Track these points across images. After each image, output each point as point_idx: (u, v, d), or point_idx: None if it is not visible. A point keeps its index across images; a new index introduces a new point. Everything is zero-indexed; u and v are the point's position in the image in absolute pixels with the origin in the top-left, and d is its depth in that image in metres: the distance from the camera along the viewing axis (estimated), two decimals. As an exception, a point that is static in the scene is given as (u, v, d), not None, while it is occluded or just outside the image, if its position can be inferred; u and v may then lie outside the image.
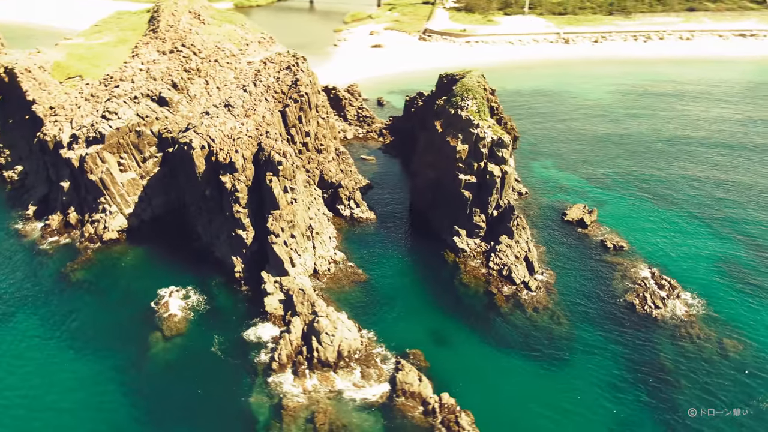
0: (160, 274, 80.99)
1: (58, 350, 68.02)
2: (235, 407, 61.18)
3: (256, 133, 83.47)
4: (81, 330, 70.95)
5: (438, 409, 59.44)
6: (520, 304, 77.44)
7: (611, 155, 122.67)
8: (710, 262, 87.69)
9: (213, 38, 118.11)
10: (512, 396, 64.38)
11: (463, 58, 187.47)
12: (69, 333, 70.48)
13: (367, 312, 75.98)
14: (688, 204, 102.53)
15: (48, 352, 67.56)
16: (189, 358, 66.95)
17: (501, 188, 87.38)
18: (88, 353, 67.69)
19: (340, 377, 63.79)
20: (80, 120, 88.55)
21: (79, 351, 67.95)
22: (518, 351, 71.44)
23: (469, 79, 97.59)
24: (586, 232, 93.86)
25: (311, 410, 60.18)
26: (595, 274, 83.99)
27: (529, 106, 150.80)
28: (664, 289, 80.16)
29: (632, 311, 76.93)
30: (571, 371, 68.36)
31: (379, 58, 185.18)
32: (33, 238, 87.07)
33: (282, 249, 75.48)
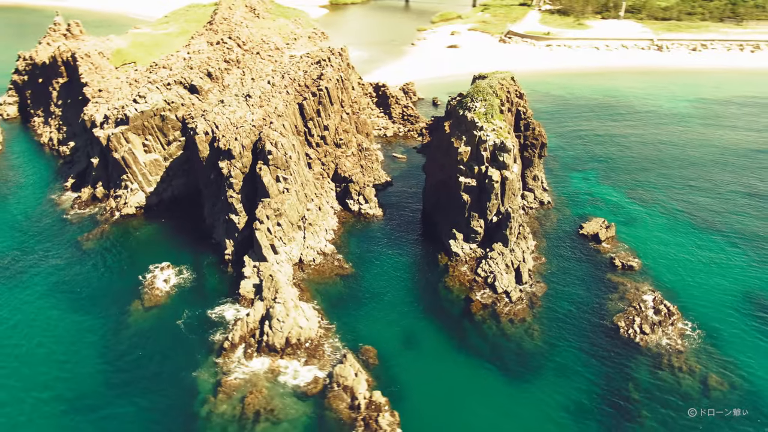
0: (162, 249, 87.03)
1: (50, 307, 75.41)
2: (181, 379, 64.98)
3: (262, 123, 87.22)
4: (75, 293, 78.03)
5: (363, 406, 59.74)
6: (495, 314, 75.60)
7: (665, 169, 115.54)
8: (732, 295, 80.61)
9: (263, 32, 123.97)
10: (458, 404, 63.39)
11: (538, 61, 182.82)
12: (64, 295, 77.78)
13: (339, 305, 77.36)
14: (733, 229, 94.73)
15: (40, 308, 75.14)
16: (156, 328, 71.82)
17: (502, 194, 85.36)
18: (74, 313, 74.51)
19: (284, 363, 65.68)
20: (115, 102, 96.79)
21: (67, 311, 74.90)
22: (480, 360, 70.07)
23: (491, 80, 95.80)
24: (598, 248, 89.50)
25: (246, 391, 62.58)
26: (591, 292, 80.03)
27: (592, 114, 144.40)
28: (659, 314, 74.83)
29: (615, 334, 72.82)
30: (528, 388, 66.11)
31: (451, 59, 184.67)
32: (64, 207, 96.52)
33: (264, 236, 78.64)
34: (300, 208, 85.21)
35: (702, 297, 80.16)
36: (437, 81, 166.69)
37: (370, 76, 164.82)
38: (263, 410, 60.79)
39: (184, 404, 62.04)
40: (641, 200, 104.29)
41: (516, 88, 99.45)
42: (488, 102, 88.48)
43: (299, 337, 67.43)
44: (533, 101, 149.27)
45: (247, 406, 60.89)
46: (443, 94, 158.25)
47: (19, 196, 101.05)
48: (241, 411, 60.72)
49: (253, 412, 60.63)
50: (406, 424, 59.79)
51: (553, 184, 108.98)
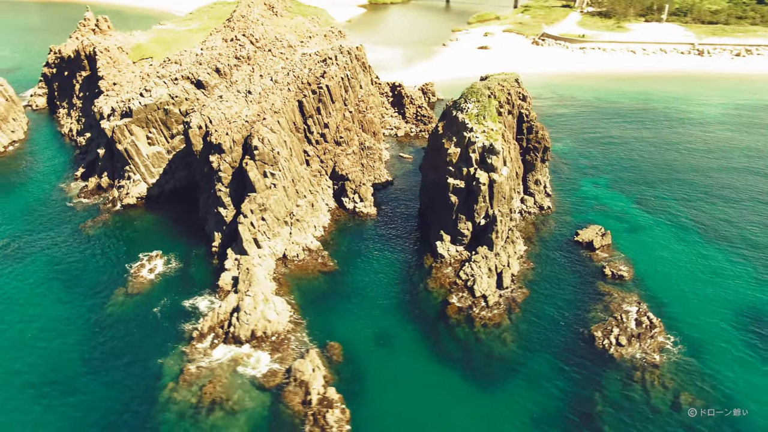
0: (155, 239, 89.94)
1: (40, 290, 79.29)
2: (148, 365, 67.20)
3: (256, 119, 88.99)
4: (67, 278, 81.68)
5: (315, 401, 60.44)
6: (470, 318, 75.04)
7: (684, 176, 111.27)
8: (728, 310, 77.50)
9: (279, 29, 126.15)
10: (419, 406, 63.39)
11: (569, 64, 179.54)
12: (56, 279, 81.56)
13: (316, 301, 78.27)
14: (744, 240, 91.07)
15: (31, 290, 79.08)
16: (134, 315, 74.42)
17: (490, 197, 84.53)
18: (61, 297, 78.04)
19: (247, 355, 67.00)
20: (124, 95, 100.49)
21: (56, 294, 78.53)
22: (449, 363, 69.80)
23: (490, 81, 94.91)
24: (591, 256, 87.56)
25: (206, 380, 64.16)
26: (574, 300, 78.44)
27: (617, 119, 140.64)
28: (640, 326, 72.72)
29: (590, 344, 71.16)
30: (493, 393, 65.63)
31: (480, 60, 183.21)
32: (71, 195, 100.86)
33: (246, 229, 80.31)
34: (288, 203, 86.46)
35: (694, 310, 77.43)
36: (461, 82, 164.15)
37: (396, 75, 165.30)
38: (219, 399, 62.20)
39: (147, 390, 64.12)
40: (651, 208, 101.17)
41: (519, 91, 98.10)
42: (481, 103, 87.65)
43: (265, 330, 68.57)
44: (557, 104, 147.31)
45: (205, 395, 62.41)
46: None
47: (33, 182, 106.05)
48: (199, 399, 62.29)
49: (209, 401, 62.10)
50: (361, 422, 60.07)
51: (560, 189, 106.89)
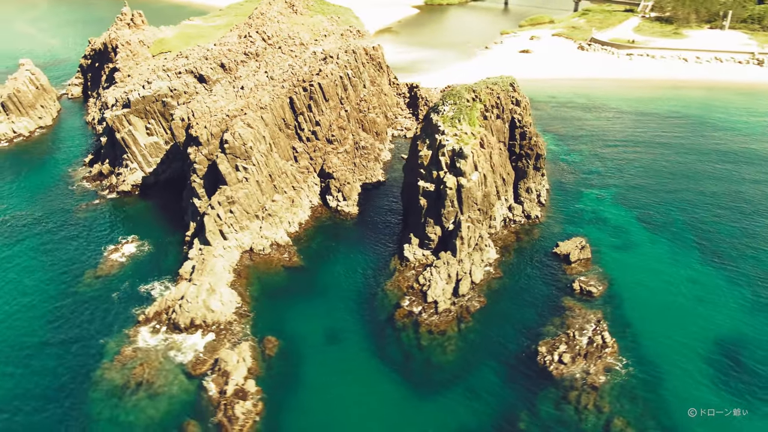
0: (138, 225, 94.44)
1: (19, 265, 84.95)
2: (92, 345, 70.83)
3: (237, 113, 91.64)
4: (46, 256, 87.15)
5: (230, 392, 61.92)
6: (417, 323, 74.41)
7: (701, 193, 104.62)
8: (702, 340, 72.36)
9: (296, 28, 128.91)
10: (342, 407, 63.70)
11: (609, 70, 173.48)
12: (37, 256, 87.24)
13: (271, 294, 79.86)
14: (744, 263, 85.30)
15: (10, 264, 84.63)
16: (94, 296, 78.60)
17: (459, 202, 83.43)
18: (35, 274, 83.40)
19: (183, 342, 69.35)
20: (129, 86, 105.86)
21: (31, 271, 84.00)
22: (385, 367, 69.62)
23: (478, 84, 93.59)
24: (566, 269, 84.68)
25: (138, 362, 66.95)
26: (532, 313, 76.29)
27: (643, 129, 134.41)
28: (591, 345, 69.91)
29: (532, 360, 68.98)
30: (420, 401, 64.99)
31: (517, 64, 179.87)
32: (74, 180, 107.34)
33: (212, 221, 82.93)
34: (261, 198, 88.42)
35: (661, 335, 73.39)
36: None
37: (429, 76, 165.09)
38: (145, 382, 64.72)
39: (84, 368, 67.57)
40: (653, 224, 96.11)
41: (513, 95, 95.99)
42: (458, 106, 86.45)
43: (205, 319, 70.64)
44: (585, 111, 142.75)
45: (133, 377, 65.15)
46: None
47: (46, 166, 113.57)
48: (127, 380, 65.06)
49: (136, 383, 64.75)
50: (274, 417, 60.88)
51: (559, 198, 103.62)
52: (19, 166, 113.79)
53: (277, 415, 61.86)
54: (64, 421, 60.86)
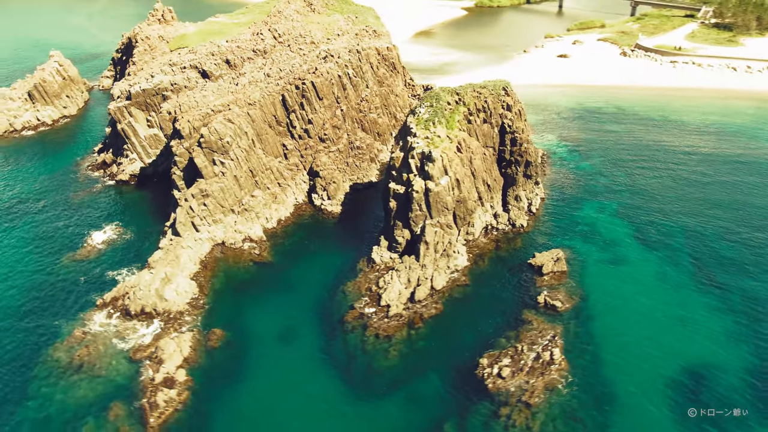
0: (127, 213, 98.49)
1: (8, 243, 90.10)
2: (49, 326, 74.41)
3: (222, 108, 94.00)
4: (36, 237, 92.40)
5: (158, 379, 63.78)
6: (365, 326, 74.29)
7: (712, 212, 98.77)
8: (669, 370, 68.51)
9: (310, 26, 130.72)
10: (273, 403, 64.54)
11: (648, 78, 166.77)
12: (27, 237, 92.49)
13: (234, 288, 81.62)
14: (741, 290, 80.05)
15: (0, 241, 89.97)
16: (65, 279, 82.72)
17: (428, 206, 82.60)
18: (19, 254, 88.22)
19: (131, 328, 71.88)
20: (134, 79, 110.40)
21: (16, 250, 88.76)
22: (326, 367, 70.15)
23: (464, 87, 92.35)
24: (537, 281, 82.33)
25: (84, 344, 69.96)
26: (485, 323, 74.77)
27: (668, 141, 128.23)
28: (537, 361, 67.86)
29: (471, 372, 67.62)
30: (356, 405, 65.15)
31: (552, 69, 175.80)
32: (80, 168, 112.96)
33: (184, 212, 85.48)
34: (239, 192, 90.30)
35: (623, 357, 70.26)
36: (518, 90, 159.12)
37: (452, 78, 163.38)
38: (86, 364, 67.48)
39: (34, 346, 71.19)
40: (650, 241, 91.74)
41: (504, 99, 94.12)
42: (435, 108, 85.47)
43: (156, 307, 72.89)
44: (611, 119, 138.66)
45: (76, 358, 68.00)
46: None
47: (59, 154, 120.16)
48: (70, 361, 67.91)
49: (78, 364, 67.67)
50: (200, 406, 62.50)
51: (555, 208, 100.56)
52: (35, 153, 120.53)
53: (203, 406, 63.12)
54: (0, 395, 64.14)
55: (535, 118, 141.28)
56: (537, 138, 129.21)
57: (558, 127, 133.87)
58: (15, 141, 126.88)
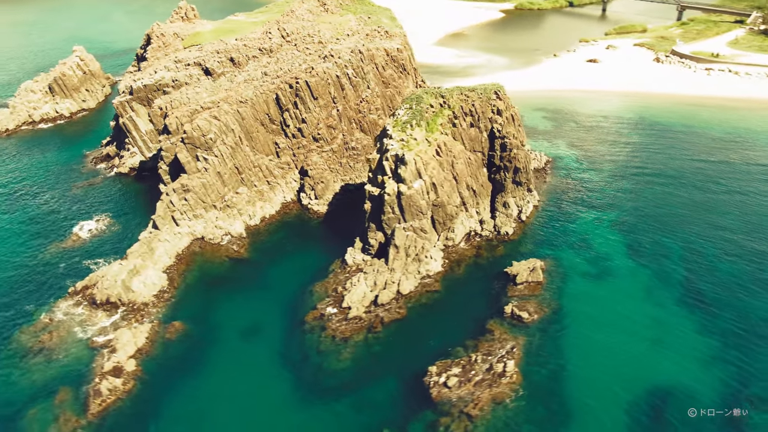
0: (120, 204, 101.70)
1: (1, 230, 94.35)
2: (23, 312, 77.60)
3: (212, 105, 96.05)
4: (30, 224, 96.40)
5: (107, 368, 65.83)
6: (323, 327, 74.59)
7: (720, 230, 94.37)
8: (632, 393, 65.86)
9: (320, 26, 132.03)
10: (221, 400, 65.41)
11: (676, 85, 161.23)
12: (22, 223, 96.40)
13: (207, 282, 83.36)
14: (733, 312, 76.31)
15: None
16: (47, 267, 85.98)
17: (401, 209, 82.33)
18: (11, 240, 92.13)
19: (95, 317, 74.31)
20: (141, 74, 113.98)
21: (8, 236, 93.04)
22: (280, 367, 70.73)
23: (450, 90, 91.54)
24: (510, 290, 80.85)
25: (48, 330, 72.75)
26: (446, 331, 73.85)
27: (685, 151, 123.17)
28: (488, 372, 66.76)
29: (418, 380, 67.06)
30: (298, 404, 65.50)
31: (577, 74, 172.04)
32: (86, 160, 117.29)
33: (164, 206, 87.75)
34: (222, 189, 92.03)
35: (586, 373, 68.06)
36: (537, 94, 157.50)
37: (471, 81, 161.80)
38: (46, 349, 70.13)
39: (4, 329, 74.28)
40: (643, 256, 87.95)
41: (495, 103, 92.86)
42: (415, 110, 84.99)
43: (121, 297, 75.08)
44: (629, 128, 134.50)
45: (38, 342, 70.78)
46: (530, 108, 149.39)
47: (71, 145, 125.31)
48: (32, 345, 70.73)
49: (38, 348, 70.38)
50: (146, 397, 63.79)
51: (548, 216, 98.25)
52: (48, 144, 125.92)
53: (146, 397, 64.41)
54: (-41, 375, 67.38)
55: (549, 124, 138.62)
56: (547, 144, 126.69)
57: (571, 134, 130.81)
58: (32, 132, 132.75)
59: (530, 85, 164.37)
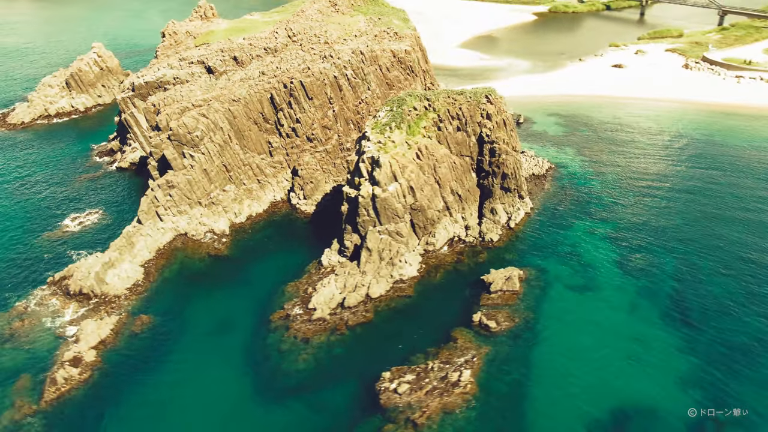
0: (115, 199, 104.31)
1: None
2: (0, 296, 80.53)
3: (202, 103, 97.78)
4: (21, 213, 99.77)
5: (67, 357, 67.75)
6: (286, 327, 75.07)
7: (713, 243, 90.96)
8: (601, 411, 64.07)
9: (328, 26, 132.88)
10: (176, 393, 66.62)
11: (702, 93, 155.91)
12: (15, 213, 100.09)
13: (184, 277, 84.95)
14: (718, 333, 73.61)
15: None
16: (34, 253, 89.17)
17: (376, 212, 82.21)
18: (4, 228, 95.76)
19: (67, 306, 76.52)
20: (144, 72, 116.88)
21: (3, 223, 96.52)
22: (239, 364, 71.37)
23: (435, 93, 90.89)
24: (483, 298, 79.79)
25: (21, 318, 75.29)
26: (410, 338, 73.34)
27: (696, 165, 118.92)
28: (443, 381, 66.08)
29: (371, 385, 66.85)
30: (253, 403, 66.07)
31: (601, 79, 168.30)
32: (91, 154, 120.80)
33: (148, 201, 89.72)
34: (208, 186, 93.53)
35: (548, 390, 66.50)
36: (553, 99, 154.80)
37: (492, 84, 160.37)
38: (16, 336, 72.58)
39: (-16, 318, 77.18)
40: (633, 269, 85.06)
41: (484, 107, 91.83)
42: (396, 112, 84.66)
43: (93, 289, 77.06)
44: (643, 135, 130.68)
45: (9, 330, 73.40)
46: (543, 114, 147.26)
47: (80, 140, 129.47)
48: (3, 331, 73.32)
49: (8, 335, 72.89)
50: (103, 388, 65.42)
51: (540, 224, 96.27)
52: (59, 137, 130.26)
53: (104, 387, 65.88)
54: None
55: (560, 129, 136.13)
56: (553, 150, 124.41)
57: (581, 141, 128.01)
58: (46, 126, 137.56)
59: (548, 89, 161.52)
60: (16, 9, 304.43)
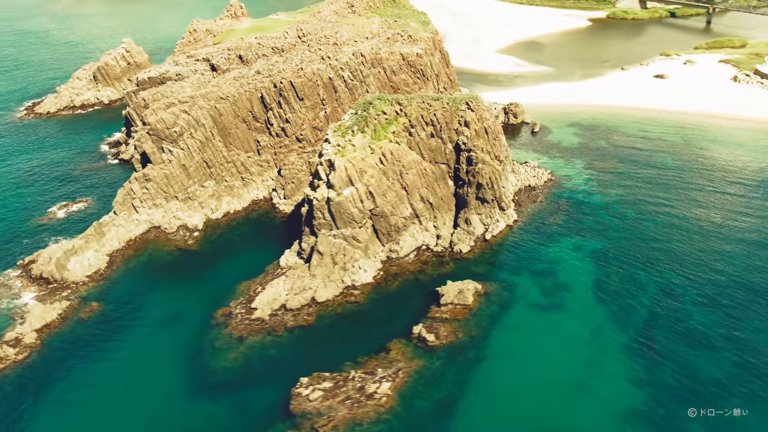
0: (109, 189, 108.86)
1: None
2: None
3: (188, 99, 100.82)
4: (16, 199, 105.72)
5: (9, 336, 71.61)
6: (225, 324, 76.32)
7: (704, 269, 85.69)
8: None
9: (341, 28, 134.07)
10: (106, 382, 68.97)
11: (745, 107, 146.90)
12: (8, 198, 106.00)
13: (149, 269, 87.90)
14: (679, 369, 69.62)
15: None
16: (17, 238, 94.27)
17: (332, 216, 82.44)
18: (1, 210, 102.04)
19: (25, 289, 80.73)
20: (152, 67, 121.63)
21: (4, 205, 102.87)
22: (175, 359, 73.03)
23: (410, 96, 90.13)
24: (432, 311, 78.46)
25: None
26: (345, 346, 73.13)
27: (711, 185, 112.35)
28: (361, 392, 65.68)
29: (288, 389, 67.16)
30: (177, 397, 67.54)
31: (638, 90, 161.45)
32: (102, 145, 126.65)
33: (123, 193, 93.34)
34: (186, 181, 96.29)
35: (477, 412, 64.55)
36: (579, 108, 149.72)
37: (517, 92, 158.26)
38: (-17, 319, 76.99)
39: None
40: (609, 291, 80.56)
41: (463, 114, 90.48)
42: (361, 116, 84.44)
43: (53, 275, 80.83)
44: (665, 150, 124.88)
45: (-23, 312, 78.00)
46: (564, 124, 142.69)
47: (96, 131, 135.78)
48: (-37, 312, 78.18)
49: (-36, 315, 77.45)
50: (36, 369, 68.78)
51: (521, 238, 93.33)
52: (76, 127, 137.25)
53: (38, 368, 68.98)
54: None
55: (576, 140, 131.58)
56: (562, 162, 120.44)
57: (595, 154, 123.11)
58: (69, 116, 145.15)
59: (577, 98, 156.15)
60: (86, 4, 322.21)
